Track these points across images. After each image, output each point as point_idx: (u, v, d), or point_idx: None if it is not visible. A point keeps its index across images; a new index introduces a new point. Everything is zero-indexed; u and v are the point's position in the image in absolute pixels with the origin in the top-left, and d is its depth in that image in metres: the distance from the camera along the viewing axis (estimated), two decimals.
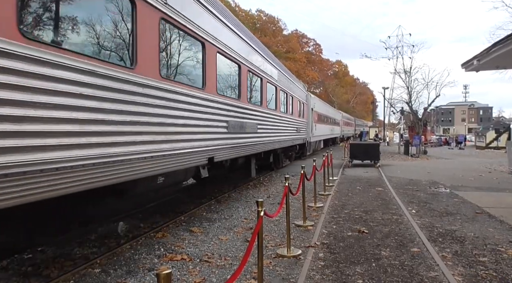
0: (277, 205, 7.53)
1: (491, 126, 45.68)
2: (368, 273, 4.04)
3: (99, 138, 3.35)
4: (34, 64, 2.67)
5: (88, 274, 4.00)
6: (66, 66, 2.97)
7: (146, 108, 4.09)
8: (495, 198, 8.54)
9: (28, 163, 2.62)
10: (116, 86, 3.62)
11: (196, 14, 5.38)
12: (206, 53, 5.78)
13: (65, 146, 2.96)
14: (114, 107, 3.57)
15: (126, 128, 3.75)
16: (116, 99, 3.61)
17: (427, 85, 27.14)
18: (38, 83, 2.71)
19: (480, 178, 12.48)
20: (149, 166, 4.16)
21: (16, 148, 2.53)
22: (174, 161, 4.73)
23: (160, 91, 4.39)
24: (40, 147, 2.72)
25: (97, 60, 3.39)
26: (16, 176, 2.54)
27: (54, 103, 2.83)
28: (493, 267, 4.23)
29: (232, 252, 4.79)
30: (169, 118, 4.62)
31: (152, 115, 4.21)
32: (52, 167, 2.82)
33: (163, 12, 4.46)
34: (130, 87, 3.84)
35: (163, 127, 4.48)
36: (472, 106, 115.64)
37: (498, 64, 10.50)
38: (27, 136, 2.62)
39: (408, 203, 7.90)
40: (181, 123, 4.94)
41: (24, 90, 2.59)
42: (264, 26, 61.31)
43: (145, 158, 4.05)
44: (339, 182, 11.26)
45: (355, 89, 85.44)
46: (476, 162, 19.12)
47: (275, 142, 10.76)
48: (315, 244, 5.01)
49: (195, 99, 5.35)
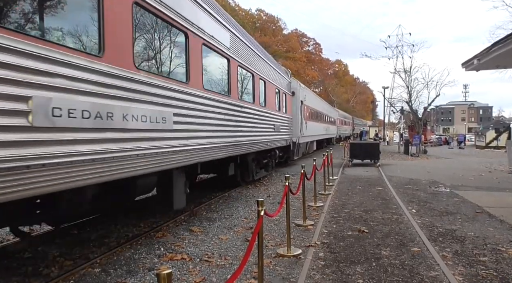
0: (277, 204, 7.53)
1: (491, 125, 45.67)
2: (369, 272, 4.04)
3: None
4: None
5: (88, 274, 4.00)
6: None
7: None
8: (495, 198, 8.53)
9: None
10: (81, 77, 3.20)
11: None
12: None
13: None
14: (84, 99, 3.23)
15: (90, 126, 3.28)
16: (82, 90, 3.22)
17: (427, 84, 27.19)
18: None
19: (480, 177, 12.47)
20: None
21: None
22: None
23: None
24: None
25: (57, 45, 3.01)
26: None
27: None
28: (493, 266, 4.23)
29: (232, 251, 4.79)
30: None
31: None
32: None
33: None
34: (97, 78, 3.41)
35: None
36: (472, 105, 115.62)
37: (498, 63, 10.49)
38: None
39: (408, 203, 7.90)
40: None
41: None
42: (264, 25, 61.26)
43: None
44: (339, 181, 11.26)
45: (355, 89, 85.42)
46: (476, 162, 19.12)
47: (226, 146, 6.87)
48: (315, 244, 5.00)
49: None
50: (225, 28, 6.90)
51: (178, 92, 4.99)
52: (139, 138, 4.05)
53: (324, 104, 26.55)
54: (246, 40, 8.43)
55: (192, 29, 5.43)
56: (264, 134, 9.75)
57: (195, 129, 5.50)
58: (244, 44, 8.20)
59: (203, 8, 5.82)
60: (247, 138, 8.19)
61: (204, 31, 5.83)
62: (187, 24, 5.25)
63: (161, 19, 4.63)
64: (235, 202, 7.95)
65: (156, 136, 4.41)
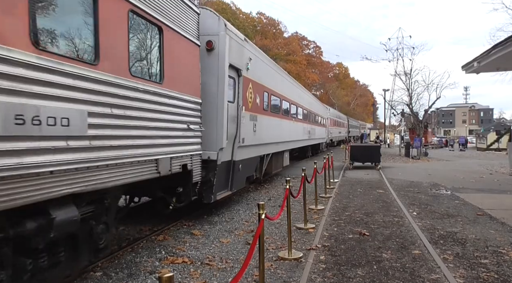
0: (278, 207, 7.53)
1: (492, 128, 45.69)
2: (370, 275, 4.04)
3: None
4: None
5: (90, 277, 4.00)
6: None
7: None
8: (496, 200, 8.52)
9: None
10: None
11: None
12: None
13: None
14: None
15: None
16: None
17: (427, 87, 27.21)
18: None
19: (481, 179, 12.46)
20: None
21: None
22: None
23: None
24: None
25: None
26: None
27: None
28: (494, 269, 4.22)
29: (233, 254, 4.79)
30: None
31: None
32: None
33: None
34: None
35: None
36: (473, 108, 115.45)
37: (498, 66, 10.51)
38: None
39: (409, 205, 7.89)
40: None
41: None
42: (264, 28, 61.42)
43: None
44: (340, 184, 11.25)
45: (356, 91, 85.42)
46: (477, 164, 19.09)
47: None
48: (316, 247, 5.00)
49: None
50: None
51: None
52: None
53: (304, 92, 17.42)
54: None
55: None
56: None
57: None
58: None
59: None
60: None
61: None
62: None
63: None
64: (236, 205, 7.95)
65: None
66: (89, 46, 3.50)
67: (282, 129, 11.67)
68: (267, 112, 9.70)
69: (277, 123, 11.00)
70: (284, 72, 13.24)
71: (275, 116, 10.78)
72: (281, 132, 11.53)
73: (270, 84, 10.01)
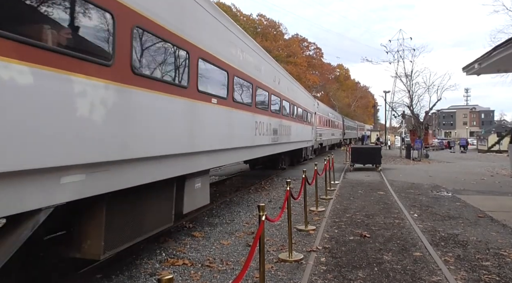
0: (278, 209, 7.52)
1: (493, 129, 45.63)
2: (370, 277, 4.02)
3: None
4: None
5: (90, 279, 3.99)
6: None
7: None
8: (497, 202, 8.50)
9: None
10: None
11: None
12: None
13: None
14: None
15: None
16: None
17: (428, 89, 27.22)
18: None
19: (482, 181, 12.43)
20: None
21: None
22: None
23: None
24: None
25: None
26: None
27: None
28: (496, 271, 4.21)
29: (234, 256, 4.78)
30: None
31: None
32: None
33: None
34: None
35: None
36: (474, 109, 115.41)
37: (499, 67, 10.50)
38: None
39: (410, 207, 7.88)
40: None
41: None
42: (265, 30, 61.49)
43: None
44: (341, 186, 11.24)
45: (356, 93, 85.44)
46: (478, 166, 19.06)
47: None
48: (317, 249, 4.99)
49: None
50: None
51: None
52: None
53: (278, 70, 10.99)
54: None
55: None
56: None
57: None
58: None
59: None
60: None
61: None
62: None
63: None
64: (237, 207, 7.94)
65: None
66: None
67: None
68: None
69: (259, 118, 7.15)
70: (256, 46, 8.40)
71: (250, 110, 6.71)
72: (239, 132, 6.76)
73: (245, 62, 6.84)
